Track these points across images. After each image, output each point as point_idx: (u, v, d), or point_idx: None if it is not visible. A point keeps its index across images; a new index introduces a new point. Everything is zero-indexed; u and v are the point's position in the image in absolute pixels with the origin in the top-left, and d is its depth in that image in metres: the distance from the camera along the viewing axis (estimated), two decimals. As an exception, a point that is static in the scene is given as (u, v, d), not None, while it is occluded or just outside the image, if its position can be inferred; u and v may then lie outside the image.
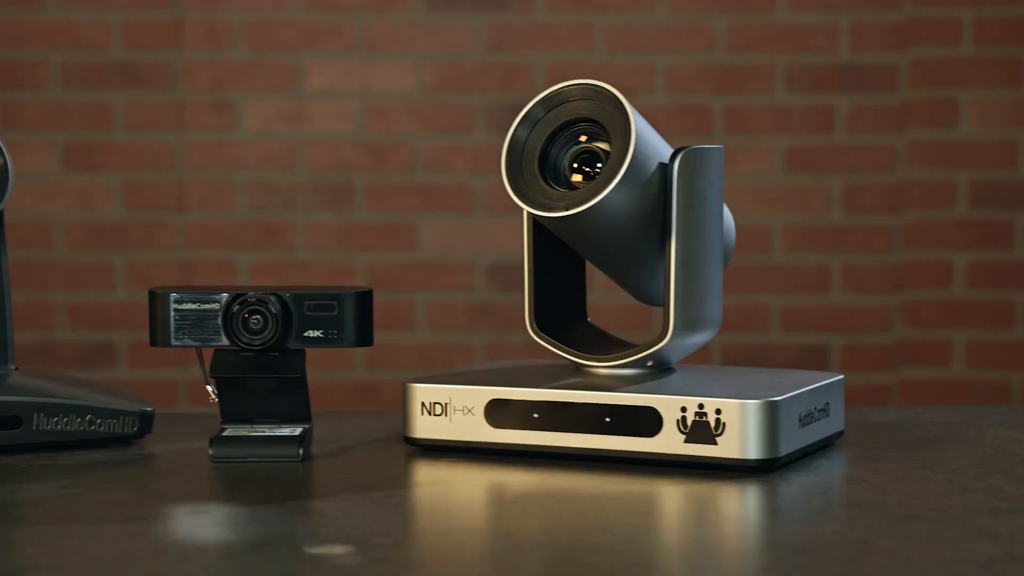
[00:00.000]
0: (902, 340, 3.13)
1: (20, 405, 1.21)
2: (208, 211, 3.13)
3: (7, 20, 3.09)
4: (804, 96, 3.12)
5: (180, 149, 3.12)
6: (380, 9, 3.11)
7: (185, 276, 3.10)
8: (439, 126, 3.13)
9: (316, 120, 3.13)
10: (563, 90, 1.18)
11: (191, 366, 3.09)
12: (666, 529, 1.01)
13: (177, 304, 1.20)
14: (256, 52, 3.11)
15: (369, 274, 3.12)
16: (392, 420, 1.38)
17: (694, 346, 1.22)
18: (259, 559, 0.91)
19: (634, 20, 3.11)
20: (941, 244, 3.12)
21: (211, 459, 1.18)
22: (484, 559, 0.92)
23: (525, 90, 3.11)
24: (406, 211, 3.13)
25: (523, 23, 3.11)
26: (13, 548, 0.93)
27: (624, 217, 1.15)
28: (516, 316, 3.11)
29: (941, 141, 3.12)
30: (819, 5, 3.10)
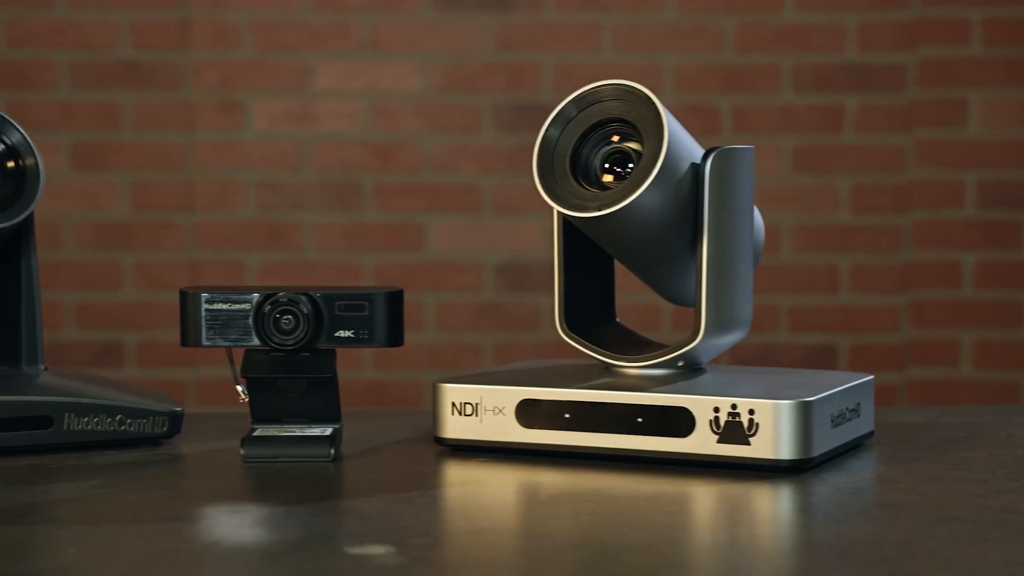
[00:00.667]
0: (910, 340, 3.13)
1: (51, 405, 1.21)
2: (216, 211, 3.13)
3: (14, 20, 3.09)
4: (811, 96, 3.12)
5: (188, 149, 3.12)
6: (387, 9, 3.11)
7: (193, 276, 3.10)
8: (446, 126, 3.13)
9: (323, 120, 3.13)
10: (596, 90, 1.18)
11: (200, 366, 3.09)
12: (703, 529, 1.01)
13: (208, 304, 1.20)
14: (263, 52, 3.11)
15: (377, 274, 3.12)
16: (419, 420, 1.38)
17: (725, 346, 1.22)
18: (300, 559, 0.91)
19: (641, 20, 3.11)
20: (949, 244, 3.12)
21: (243, 459, 1.18)
22: (524, 559, 0.92)
23: (532, 90, 3.11)
24: (413, 211, 3.13)
25: (530, 23, 3.11)
26: (54, 548, 0.93)
27: (656, 217, 1.15)
28: (524, 316, 3.12)
29: (949, 141, 3.12)
30: (826, 5, 3.10)
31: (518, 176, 3.11)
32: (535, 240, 3.12)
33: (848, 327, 3.14)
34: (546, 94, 3.11)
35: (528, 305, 3.12)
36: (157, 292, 3.12)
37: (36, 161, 1.24)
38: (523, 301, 3.12)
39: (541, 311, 3.12)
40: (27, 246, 1.27)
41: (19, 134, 1.24)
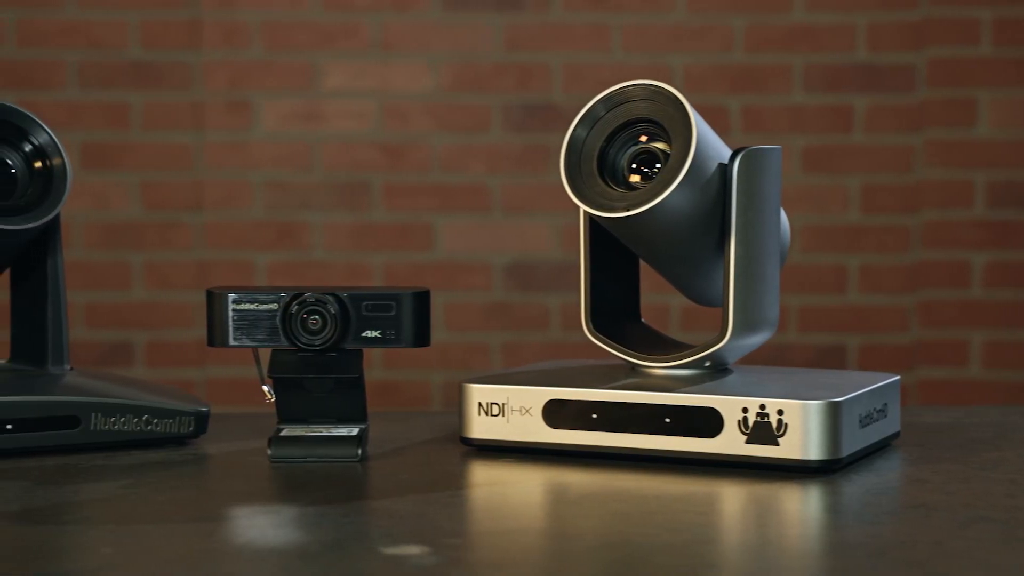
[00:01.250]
0: (919, 340, 3.13)
1: (78, 405, 1.21)
2: (225, 211, 3.13)
3: (25, 20, 3.09)
4: (821, 96, 3.12)
5: (197, 149, 3.12)
6: (396, 9, 3.11)
7: (202, 276, 3.10)
8: (455, 126, 3.13)
9: (333, 120, 3.13)
10: (624, 90, 1.18)
11: (208, 366, 3.09)
12: (736, 529, 1.01)
13: (235, 304, 1.20)
14: (273, 52, 3.11)
15: (385, 274, 3.12)
16: (442, 420, 1.38)
17: (751, 346, 1.22)
18: (336, 559, 0.91)
19: (650, 20, 3.11)
20: (958, 244, 3.12)
21: (270, 459, 1.18)
22: (559, 560, 0.92)
23: (541, 90, 3.11)
24: (423, 211, 3.13)
25: (539, 23, 3.12)
26: (88, 548, 0.93)
27: (683, 217, 1.15)
28: (533, 316, 3.12)
29: (959, 141, 3.12)
30: (836, 5, 3.11)
31: (527, 176, 3.11)
32: (544, 240, 3.12)
33: (857, 327, 3.14)
34: (555, 94, 3.11)
35: (537, 305, 3.12)
36: (166, 292, 3.12)
37: (63, 161, 1.24)
38: (532, 301, 3.12)
39: (550, 311, 3.12)
40: (53, 246, 1.27)
41: (46, 135, 1.24)
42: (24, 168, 1.23)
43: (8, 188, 1.22)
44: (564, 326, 3.11)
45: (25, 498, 1.06)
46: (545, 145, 3.11)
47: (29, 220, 1.21)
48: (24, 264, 1.28)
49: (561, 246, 3.11)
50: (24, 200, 1.22)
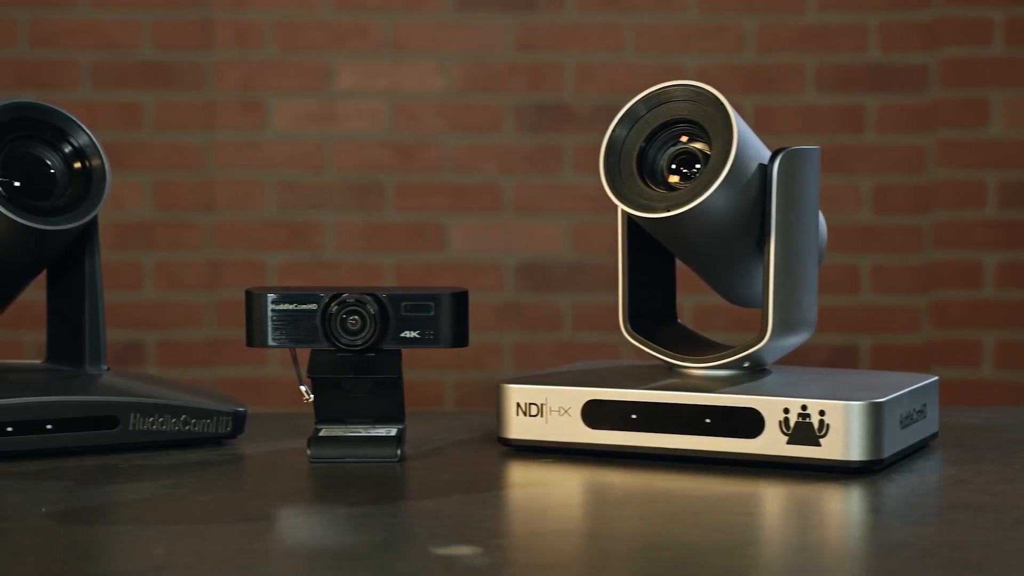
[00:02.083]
0: (931, 340, 3.14)
1: (118, 405, 1.21)
2: (237, 211, 3.13)
3: (37, 20, 3.09)
4: (833, 96, 3.12)
5: (209, 149, 3.12)
6: (408, 9, 3.11)
7: (213, 276, 3.10)
8: (467, 126, 3.13)
9: (345, 120, 3.13)
10: (665, 90, 1.18)
11: (218, 366, 3.09)
12: (784, 530, 1.01)
13: (274, 305, 1.20)
14: (285, 52, 3.11)
15: (397, 274, 3.12)
16: (477, 420, 1.38)
17: (790, 347, 1.22)
18: (389, 560, 0.91)
19: (663, 20, 3.11)
20: (970, 244, 3.13)
21: (310, 459, 1.18)
22: (611, 560, 0.92)
23: (553, 90, 3.11)
24: (434, 211, 3.13)
25: (551, 23, 3.12)
26: (139, 548, 0.94)
27: (723, 218, 1.15)
28: (545, 316, 3.12)
29: (971, 141, 3.12)
30: (848, 5, 3.11)
31: (539, 176, 3.12)
32: (556, 240, 3.12)
33: (869, 327, 3.14)
34: (567, 94, 3.11)
35: (549, 305, 3.13)
36: (177, 292, 3.12)
37: (102, 162, 1.24)
38: (543, 301, 3.12)
39: (562, 311, 3.12)
40: (91, 247, 1.27)
41: (86, 136, 1.24)
42: (63, 169, 1.23)
43: (47, 188, 1.22)
44: (575, 326, 3.12)
45: (70, 498, 1.06)
46: (557, 145, 3.11)
47: (68, 221, 1.21)
48: (61, 264, 1.28)
49: (572, 246, 3.12)
50: (63, 201, 1.22)
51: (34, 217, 1.19)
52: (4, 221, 1.18)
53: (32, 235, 1.19)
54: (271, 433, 1.31)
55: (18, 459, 1.19)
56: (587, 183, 3.10)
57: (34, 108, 1.22)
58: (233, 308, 3.09)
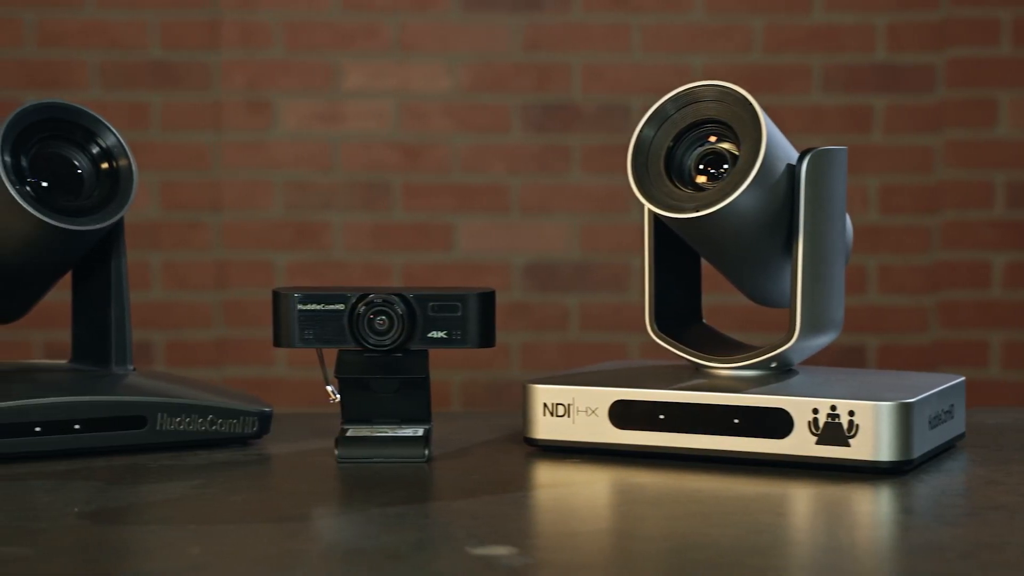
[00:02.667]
0: (939, 341, 3.14)
1: (145, 405, 1.21)
2: (244, 211, 3.13)
3: (45, 20, 3.09)
4: (840, 96, 3.12)
5: (216, 149, 3.12)
6: (416, 9, 3.11)
7: (221, 276, 3.10)
8: (475, 126, 3.13)
9: (352, 120, 3.13)
10: (693, 90, 1.18)
11: (226, 366, 3.09)
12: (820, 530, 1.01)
13: (301, 305, 1.20)
14: (292, 52, 3.11)
15: (404, 274, 3.12)
16: (501, 420, 1.38)
17: (817, 347, 1.23)
18: (427, 560, 0.91)
19: (670, 20, 3.11)
20: (978, 244, 3.13)
21: (337, 459, 1.18)
22: (650, 560, 0.92)
23: (561, 90, 3.11)
24: (442, 211, 3.13)
25: (559, 23, 3.12)
26: (174, 548, 0.93)
27: (751, 218, 1.16)
28: (552, 316, 3.12)
29: (978, 141, 3.12)
30: (856, 5, 3.11)
31: (546, 176, 3.12)
32: (563, 240, 3.12)
33: (876, 328, 3.14)
34: (575, 94, 3.11)
35: (556, 305, 3.12)
36: (184, 292, 3.12)
37: (129, 163, 1.24)
38: (550, 301, 3.12)
39: (569, 311, 3.12)
40: (117, 247, 1.27)
41: (113, 136, 1.24)
42: (91, 169, 1.23)
43: (75, 189, 1.22)
44: (583, 326, 3.12)
45: (101, 498, 1.06)
46: (564, 145, 3.11)
47: (96, 221, 1.21)
48: (87, 265, 1.28)
49: (580, 246, 3.12)
50: (91, 201, 1.22)
51: (62, 217, 1.19)
52: (32, 221, 1.18)
53: (60, 235, 1.19)
54: (295, 433, 1.31)
55: (46, 459, 1.19)
56: (594, 183, 3.10)
57: (62, 109, 1.23)
58: (240, 308, 3.09)
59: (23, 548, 0.92)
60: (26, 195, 1.18)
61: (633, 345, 3.09)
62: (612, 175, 3.07)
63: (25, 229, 1.19)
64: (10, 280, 1.25)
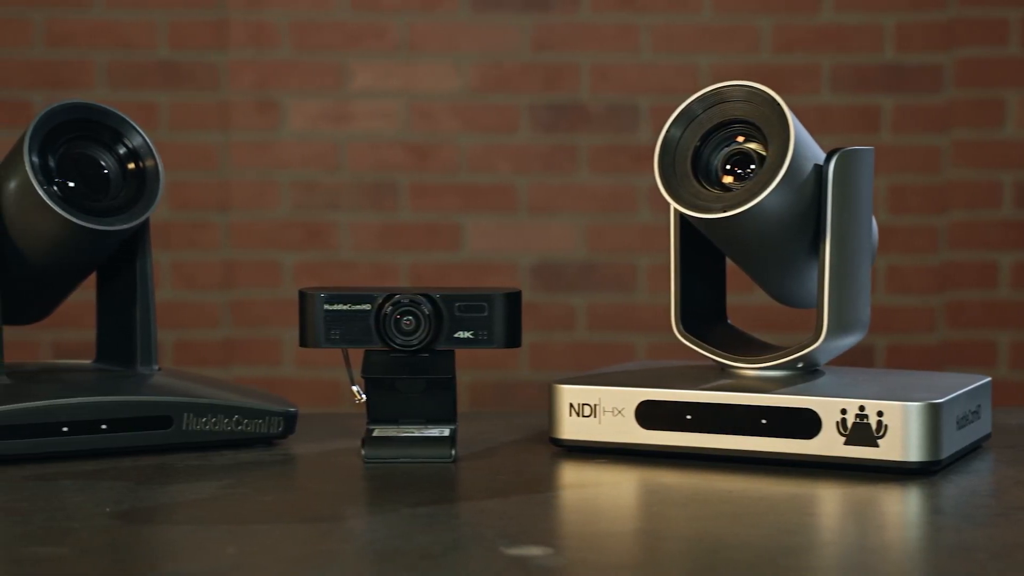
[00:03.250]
0: (946, 341, 3.14)
1: (171, 405, 1.21)
2: (252, 211, 3.13)
3: (53, 20, 3.09)
4: (848, 96, 3.12)
5: (224, 149, 3.12)
6: (424, 9, 3.11)
7: (228, 276, 3.10)
8: (482, 126, 3.13)
9: (360, 120, 3.13)
10: (720, 90, 1.18)
11: (233, 366, 3.09)
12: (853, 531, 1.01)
13: (328, 305, 1.20)
14: (300, 52, 3.11)
15: (412, 274, 3.12)
16: (525, 420, 1.38)
17: (844, 347, 1.23)
18: (461, 560, 0.91)
19: (678, 20, 3.11)
20: (986, 244, 3.13)
21: (364, 459, 1.19)
22: (686, 560, 0.93)
23: (569, 90, 3.11)
24: (449, 211, 3.13)
25: (567, 23, 3.12)
26: (210, 548, 0.93)
27: (778, 218, 1.16)
28: (559, 316, 3.12)
29: (986, 141, 3.12)
30: (864, 5, 3.11)
31: (554, 176, 3.12)
32: (570, 240, 3.12)
33: (884, 328, 3.14)
34: (583, 94, 3.11)
35: (563, 305, 3.12)
36: (192, 292, 3.12)
37: (156, 163, 1.24)
38: (558, 301, 3.12)
39: (576, 311, 3.12)
40: (143, 248, 1.27)
41: (140, 137, 1.24)
42: (117, 170, 1.23)
43: (102, 189, 1.23)
44: (590, 326, 3.12)
45: (132, 498, 1.06)
46: (572, 145, 3.11)
47: (123, 221, 1.21)
48: (112, 265, 1.28)
49: (587, 246, 3.12)
50: (117, 202, 1.22)
51: (89, 217, 1.19)
52: (59, 221, 1.18)
53: (87, 235, 1.19)
54: (319, 433, 1.32)
55: (73, 459, 1.19)
56: (602, 183, 3.10)
57: (89, 109, 1.23)
58: (248, 308, 3.09)
59: (58, 548, 0.92)
60: (54, 195, 1.18)
61: (640, 345, 3.09)
62: (620, 175, 3.08)
63: (53, 229, 1.19)
64: (36, 280, 1.25)
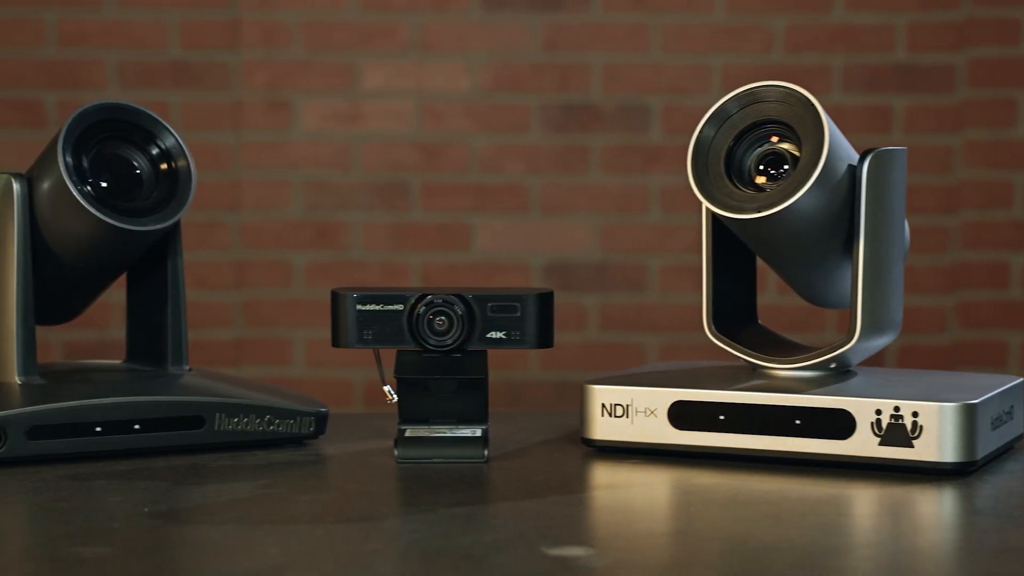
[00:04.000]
0: (957, 341, 3.14)
1: (204, 405, 1.21)
2: (263, 211, 3.13)
3: (65, 20, 3.09)
4: (861, 96, 3.12)
5: (236, 149, 3.12)
6: (435, 9, 3.11)
7: (239, 276, 3.10)
8: (494, 126, 3.13)
9: (371, 120, 3.13)
10: (755, 90, 1.18)
11: (244, 366, 3.09)
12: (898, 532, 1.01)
13: (360, 305, 1.20)
14: (312, 52, 3.11)
15: (423, 274, 3.12)
16: (555, 420, 1.38)
17: (876, 348, 1.23)
18: (504, 561, 0.91)
19: (690, 20, 3.11)
20: (998, 245, 3.13)
21: (397, 459, 1.19)
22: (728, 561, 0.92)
23: (580, 90, 3.11)
24: (460, 211, 3.13)
25: (578, 23, 3.12)
26: (255, 548, 0.93)
27: (812, 218, 1.16)
28: (570, 316, 3.11)
29: (998, 141, 3.12)
30: (876, 5, 3.11)
31: (565, 176, 3.12)
32: (582, 240, 3.12)
33: (896, 328, 3.13)
34: (594, 94, 3.11)
35: (574, 305, 3.12)
36: (203, 292, 3.11)
37: (188, 163, 1.24)
38: (569, 301, 3.12)
39: (587, 311, 3.12)
40: (174, 248, 1.28)
41: (172, 137, 1.24)
42: (150, 170, 1.23)
43: (135, 190, 1.23)
44: (601, 327, 3.12)
45: (169, 498, 1.06)
46: (583, 145, 3.11)
47: (155, 221, 1.21)
48: (144, 265, 1.28)
49: (599, 246, 3.12)
50: (150, 202, 1.23)
51: (122, 218, 1.19)
52: (93, 221, 1.18)
53: (120, 236, 1.19)
54: (349, 434, 1.32)
55: (106, 459, 1.19)
56: (614, 183, 3.10)
57: (122, 109, 1.23)
58: (259, 308, 3.09)
59: (102, 548, 0.92)
60: (88, 195, 1.18)
61: (652, 345, 3.09)
62: (631, 175, 3.08)
63: (87, 229, 1.19)
64: (68, 280, 1.26)
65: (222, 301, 3.11)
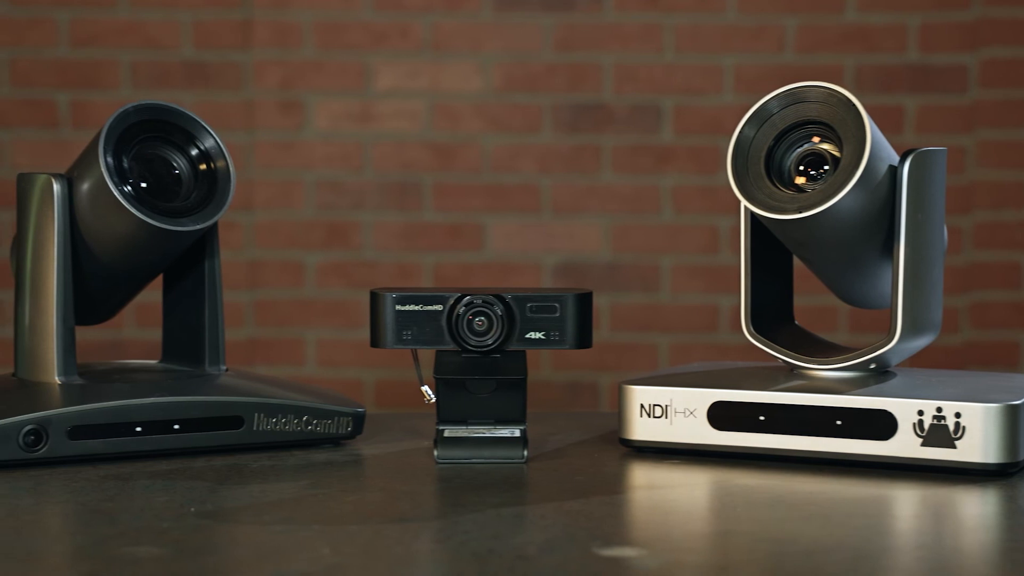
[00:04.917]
0: (970, 341, 3.14)
1: (243, 405, 1.21)
2: (275, 210, 3.13)
3: (78, 20, 3.09)
4: (873, 97, 3.12)
5: (248, 149, 3.11)
6: (448, 9, 3.11)
7: (252, 276, 3.10)
8: (506, 126, 3.13)
9: (384, 120, 3.13)
10: (796, 90, 1.18)
11: (257, 365, 3.09)
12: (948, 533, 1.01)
13: (400, 306, 1.20)
14: (324, 52, 3.11)
15: (435, 274, 3.12)
16: (592, 420, 1.39)
17: (916, 348, 1.23)
18: (558, 561, 0.91)
19: (702, 20, 3.11)
20: (1010, 245, 3.13)
21: (437, 459, 1.19)
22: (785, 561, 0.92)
23: (593, 91, 3.11)
24: (473, 211, 3.13)
25: (591, 23, 3.12)
26: (307, 549, 0.93)
27: (852, 219, 1.16)
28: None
29: (1011, 142, 3.12)
30: (889, 5, 3.11)
31: (578, 176, 3.12)
32: (594, 240, 3.12)
33: (909, 328, 3.13)
34: (606, 94, 3.11)
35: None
36: (216, 291, 3.11)
37: (227, 164, 1.24)
38: (582, 301, 3.11)
39: (599, 312, 3.12)
40: (212, 248, 1.28)
41: (212, 138, 1.24)
42: (189, 171, 1.23)
43: (174, 190, 1.23)
44: (613, 327, 3.12)
45: (215, 498, 1.06)
46: (596, 145, 3.11)
47: (194, 222, 1.21)
48: (181, 265, 1.28)
49: (611, 247, 3.12)
50: (189, 203, 1.23)
51: (162, 218, 1.19)
52: (134, 221, 1.18)
53: (160, 236, 1.19)
54: (385, 434, 1.32)
55: (145, 459, 1.19)
56: (625, 183, 3.10)
57: (161, 110, 1.23)
58: (272, 308, 3.09)
59: (155, 548, 0.92)
60: (128, 196, 1.18)
61: (663, 345, 3.09)
62: (643, 176, 3.07)
63: (127, 229, 1.19)
64: (107, 280, 1.26)
65: (235, 301, 3.11)
